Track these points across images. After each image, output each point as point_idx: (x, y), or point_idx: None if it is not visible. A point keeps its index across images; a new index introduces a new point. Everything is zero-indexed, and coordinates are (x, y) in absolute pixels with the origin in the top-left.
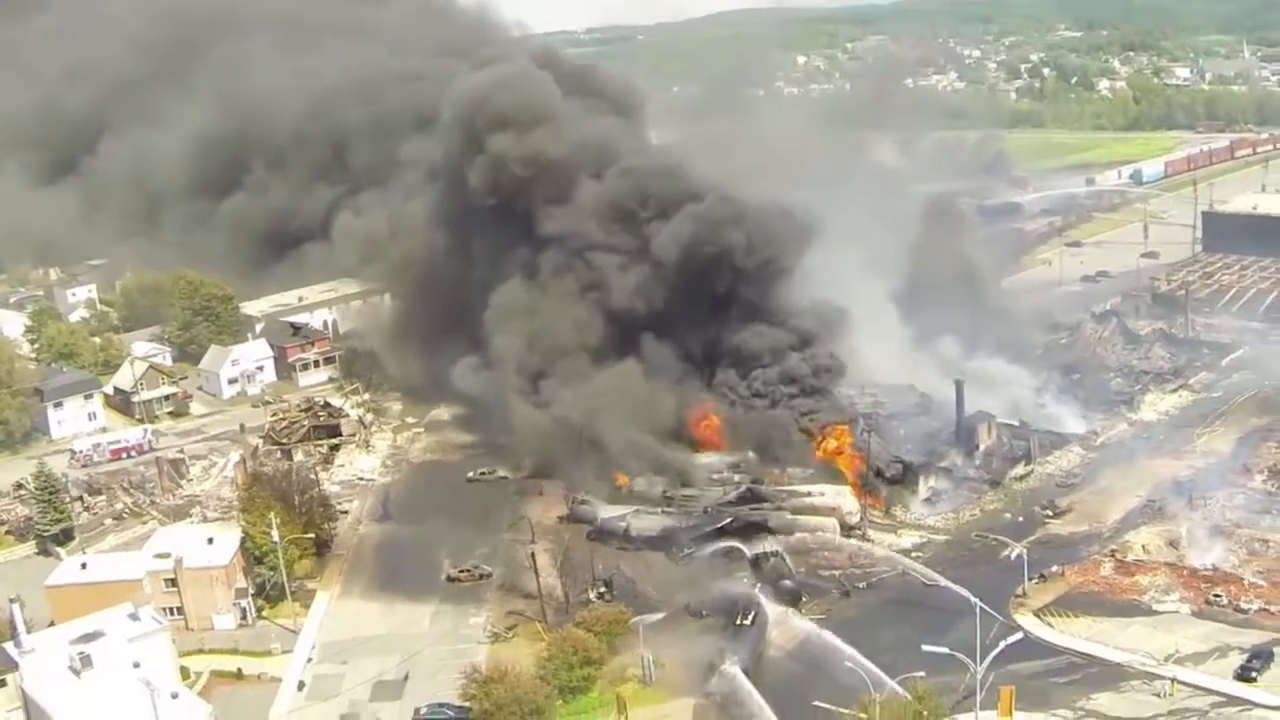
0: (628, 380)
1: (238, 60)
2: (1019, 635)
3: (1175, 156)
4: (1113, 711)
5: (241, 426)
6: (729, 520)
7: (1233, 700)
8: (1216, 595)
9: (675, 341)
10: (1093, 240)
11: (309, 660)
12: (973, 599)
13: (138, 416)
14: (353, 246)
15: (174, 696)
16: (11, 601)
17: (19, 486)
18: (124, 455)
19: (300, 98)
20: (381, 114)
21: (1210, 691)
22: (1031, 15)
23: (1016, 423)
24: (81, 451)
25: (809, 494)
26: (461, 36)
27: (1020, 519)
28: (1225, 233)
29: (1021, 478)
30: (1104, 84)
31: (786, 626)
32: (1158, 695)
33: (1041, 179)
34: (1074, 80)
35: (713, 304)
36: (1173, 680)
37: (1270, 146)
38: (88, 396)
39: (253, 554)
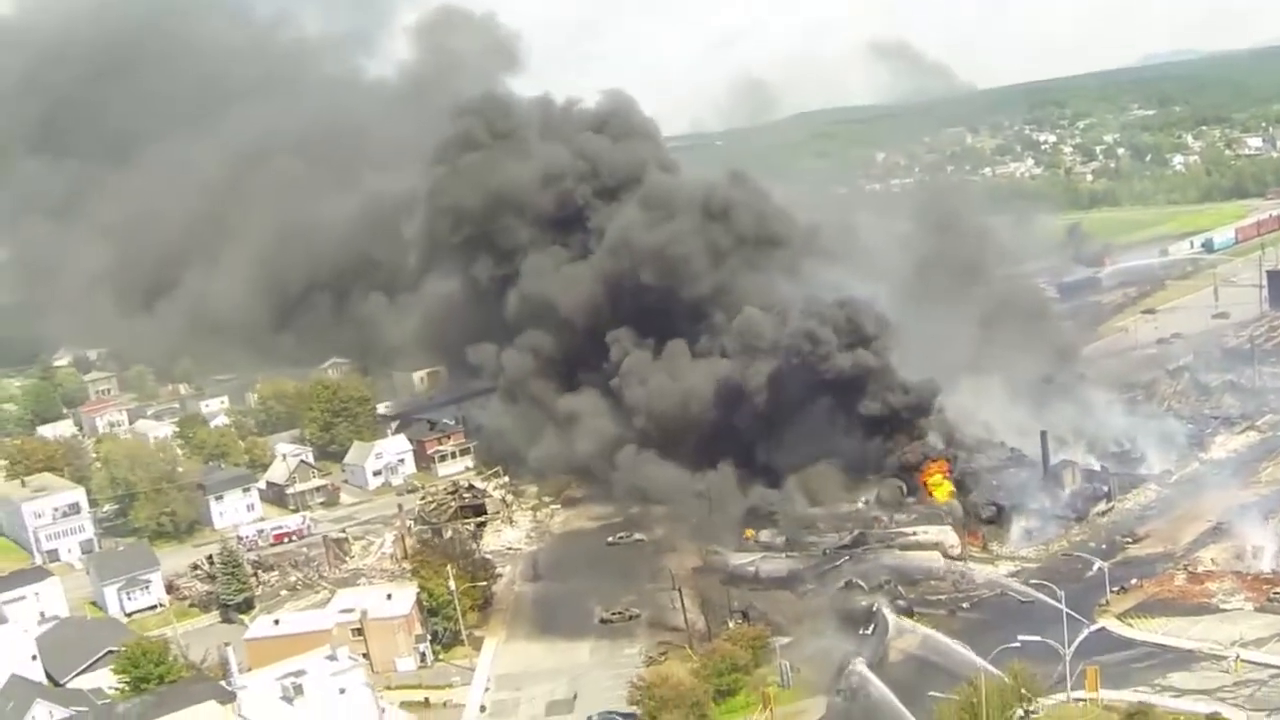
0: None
1: (291, 193)
2: (1099, 625)
3: (1245, 223)
4: (1185, 685)
5: (399, 506)
6: (846, 559)
7: None
8: (1277, 593)
9: None
10: (1167, 306)
11: (487, 689)
12: (1059, 598)
13: (292, 506)
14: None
15: (382, 711)
16: (225, 645)
17: (195, 567)
18: (285, 540)
19: (352, 222)
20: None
21: (1270, 666)
22: (1104, 97)
23: (1098, 467)
24: (247, 537)
25: (914, 533)
26: None
27: (1104, 546)
28: None
29: (1104, 513)
30: (1178, 159)
31: (904, 632)
32: (1225, 671)
33: (1118, 254)
34: (1148, 158)
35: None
36: (1237, 657)
37: None
38: (245, 490)
39: (427, 607)
